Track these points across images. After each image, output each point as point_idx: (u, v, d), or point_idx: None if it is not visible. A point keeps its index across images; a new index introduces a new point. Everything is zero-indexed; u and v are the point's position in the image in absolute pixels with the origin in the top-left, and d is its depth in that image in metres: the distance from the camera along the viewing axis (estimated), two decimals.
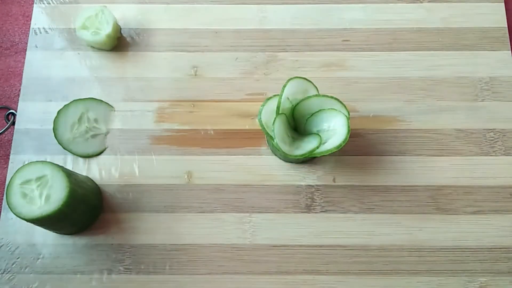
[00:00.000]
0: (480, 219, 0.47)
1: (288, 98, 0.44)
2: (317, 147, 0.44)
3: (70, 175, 0.42)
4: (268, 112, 0.44)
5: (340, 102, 0.45)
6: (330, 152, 0.43)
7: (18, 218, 0.40)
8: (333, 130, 0.44)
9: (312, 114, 0.45)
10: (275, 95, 0.45)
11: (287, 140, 0.45)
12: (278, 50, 0.53)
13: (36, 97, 0.51)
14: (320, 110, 0.45)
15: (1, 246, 0.46)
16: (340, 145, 0.43)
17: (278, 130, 0.44)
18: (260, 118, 0.44)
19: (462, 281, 0.45)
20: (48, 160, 0.49)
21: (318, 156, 0.44)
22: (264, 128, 0.44)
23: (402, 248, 0.46)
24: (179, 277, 0.45)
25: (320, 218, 0.47)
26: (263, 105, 0.45)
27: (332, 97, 0.45)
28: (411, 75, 0.52)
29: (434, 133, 0.50)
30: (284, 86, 0.44)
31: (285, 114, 0.45)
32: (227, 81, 0.52)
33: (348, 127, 0.44)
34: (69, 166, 0.49)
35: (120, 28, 0.54)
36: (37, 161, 0.41)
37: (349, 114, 0.46)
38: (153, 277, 0.45)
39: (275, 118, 0.43)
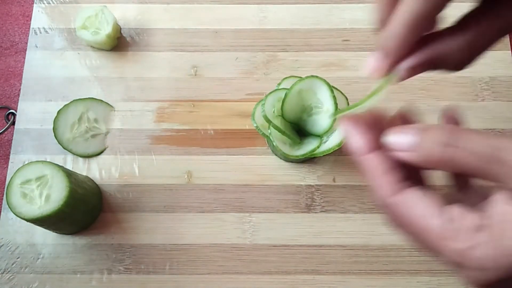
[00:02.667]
0: None
1: (274, 106, 0.44)
2: (318, 147, 0.44)
3: (70, 175, 0.42)
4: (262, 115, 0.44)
5: (328, 84, 0.44)
6: (332, 151, 0.43)
7: (18, 218, 0.40)
8: (332, 128, 0.44)
9: (310, 115, 0.45)
10: (267, 96, 0.44)
11: (287, 141, 0.45)
12: (278, 50, 0.53)
13: (36, 97, 0.51)
14: (315, 108, 0.45)
15: (1, 246, 0.46)
16: (341, 142, 0.43)
17: (276, 133, 0.44)
18: (254, 120, 0.44)
19: (462, 281, 0.45)
20: (48, 160, 0.49)
21: (319, 155, 0.44)
22: (260, 130, 0.44)
23: (402, 248, 0.46)
24: (179, 277, 0.45)
25: (320, 218, 0.47)
26: (255, 108, 0.45)
27: (316, 77, 0.44)
28: None
29: None
30: (267, 96, 0.44)
31: (281, 115, 0.44)
32: (227, 81, 0.52)
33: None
34: (69, 166, 0.49)
35: (120, 28, 0.54)
36: (37, 161, 0.41)
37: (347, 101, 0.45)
38: (153, 277, 0.45)
39: (269, 124, 0.43)
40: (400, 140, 0.26)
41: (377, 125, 0.28)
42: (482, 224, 0.24)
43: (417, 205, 0.25)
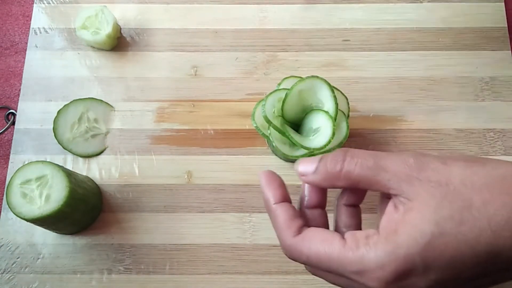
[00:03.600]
0: None
1: (274, 106, 0.44)
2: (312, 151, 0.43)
3: (70, 175, 0.42)
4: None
5: (328, 84, 0.44)
6: (331, 151, 0.43)
7: (18, 218, 0.40)
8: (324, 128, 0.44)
9: (306, 114, 0.45)
10: (267, 96, 0.44)
11: (286, 141, 0.45)
12: (278, 50, 0.53)
13: (36, 97, 0.51)
14: (311, 110, 0.45)
15: (1, 246, 0.46)
16: (341, 142, 0.43)
17: (275, 134, 0.44)
18: (254, 121, 0.44)
19: None
20: (48, 160, 0.49)
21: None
22: (260, 130, 0.44)
23: None
24: (179, 277, 0.45)
25: None
26: (255, 108, 0.45)
27: (317, 77, 0.44)
28: (411, 75, 0.52)
29: (434, 133, 0.50)
30: (267, 96, 0.44)
31: (281, 116, 0.44)
32: (227, 81, 0.52)
33: (347, 124, 0.44)
34: (69, 166, 0.49)
35: (120, 28, 0.54)
36: (37, 161, 0.41)
37: (349, 111, 0.46)
38: (153, 277, 0.45)
39: (269, 125, 0.43)
40: (305, 167, 0.33)
41: (282, 184, 0.34)
42: (369, 234, 0.29)
43: (317, 235, 0.30)
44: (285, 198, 0.34)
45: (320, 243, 0.30)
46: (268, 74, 0.52)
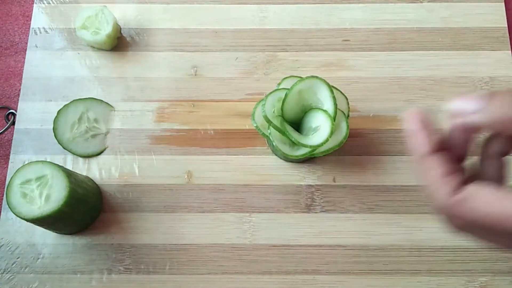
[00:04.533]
0: None
1: (274, 105, 0.44)
2: (313, 148, 0.43)
3: (70, 175, 0.42)
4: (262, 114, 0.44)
5: (327, 84, 0.44)
6: (332, 151, 0.43)
7: (18, 218, 0.40)
8: (322, 128, 0.44)
9: (305, 113, 0.45)
10: (267, 96, 0.44)
11: (286, 141, 0.45)
12: (278, 50, 0.53)
13: (36, 97, 0.51)
14: (310, 109, 0.45)
15: (1, 246, 0.46)
16: (341, 142, 0.43)
17: (275, 133, 0.44)
18: (254, 120, 0.44)
19: (462, 281, 0.45)
20: (48, 160, 0.49)
21: (319, 155, 0.44)
22: (260, 130, 0.44)
23: (402, 248, 0.46)
24: (179, 277, 0.45)
25: (320, 218, 0.47)
26: (255, 108, 0.45)
27: (316, 77, 0.44)
28: (411, 75, 0.52)
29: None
30: (267, 96, 0.44)
31: (281, 116, 0.44)
32: (227, 81, 0.52)
33: (347, 124, 0.44)
34: (69, 166, 0.49)
35: (120, 28, 0.54)
36: (37, 161, 0.41)
37: (349, 111, 0.46)
38: (153, 277, 0.45)
39: (269, 124, 0.43)
40: (464, 104, 0.26)
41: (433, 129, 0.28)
42: None
43: (483, 195, 0.24)
44: (442, 147, 0.27)
45: (489, 204, 0.24)
46: (268, 74, 0.52)
